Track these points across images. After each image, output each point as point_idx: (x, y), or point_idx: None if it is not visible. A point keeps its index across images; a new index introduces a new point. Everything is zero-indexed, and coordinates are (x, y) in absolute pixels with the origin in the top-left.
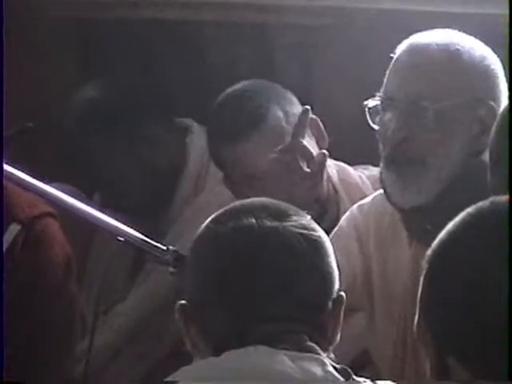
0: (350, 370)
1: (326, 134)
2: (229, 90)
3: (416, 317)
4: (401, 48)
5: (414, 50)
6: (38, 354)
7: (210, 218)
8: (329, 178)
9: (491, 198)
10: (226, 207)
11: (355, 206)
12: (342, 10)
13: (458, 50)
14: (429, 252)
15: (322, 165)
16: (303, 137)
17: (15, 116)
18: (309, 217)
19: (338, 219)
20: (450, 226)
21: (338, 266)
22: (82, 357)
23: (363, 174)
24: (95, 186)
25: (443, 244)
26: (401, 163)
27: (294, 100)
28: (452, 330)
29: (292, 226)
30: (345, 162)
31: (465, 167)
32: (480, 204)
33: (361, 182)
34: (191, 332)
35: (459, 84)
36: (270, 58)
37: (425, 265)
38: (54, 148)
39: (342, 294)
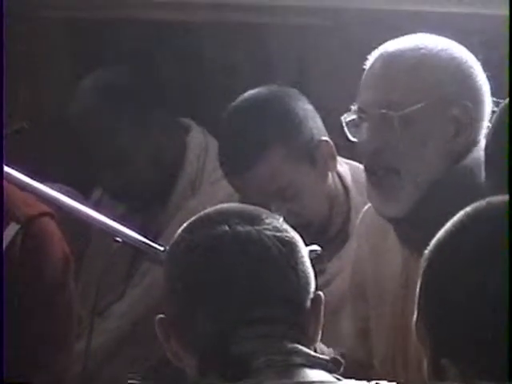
0: (340, 359)
1: (335, 154)
2: (238, 109)
3: (415, 316)
4: (371, 59)
5: (380, 60)
6: (36, 353)
7: (182, 227)
8: (340, 177)
9: (488, 198)
10: (199, 215)
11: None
12: (336, 10)
13: (425, 53)
14: (426, 251)
15: None
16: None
17: (11, 116)
18: (281, 219)
19: (348, 219)
20: (447, 225)
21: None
22: (79, 358)
23: None
24: (102, 167)
25: (441, 244)
26: (377, 174)
27: (306, 123)
28: (447, 330)
29: (265, 229)
30: None
31: (445, 173)
32: (477, 204)
33: None
34: (173, 345)
35: (425, 87)
36: (265, 58)
37: (422, 263)
38: (60, 134)
39: (320, 293)
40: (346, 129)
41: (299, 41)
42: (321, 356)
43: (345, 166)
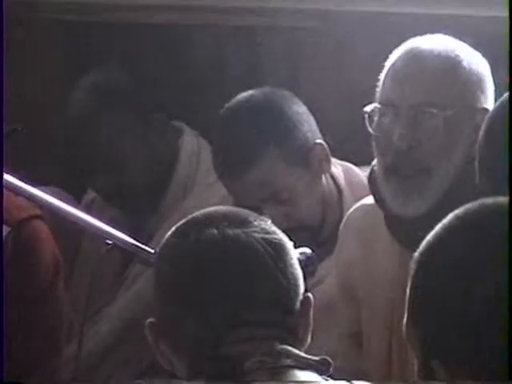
0: (329, 359)
1: (330, 156)
2: (232, 111)
3: (405, 318)
4: (397, 54)
5: (414, 57)
6: (25, 356)
7: (170, 231)
8: (334, 178)
9: (480, 200)
10: (187, 218)
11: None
12: (329, 12)
13: (458, 56)
14: (416, 253)
15: None
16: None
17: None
18: (269, 221)
19: (341, 221)
20: (437, 227)
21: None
22: (71, 361)
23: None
24: (98, 166)
25: (431, 246)
26: (404, 172)
27: (301, 126)
28: (436, 332)
29: (254, 231)
30: None
31: (460, 173)
32: (468, 206)
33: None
34: (162, 349)
35: (461, 92)
36: (258, 60)
37: (412, 266)
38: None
39: (309, 294)
40: (366, 120)
41: (291, 43)
42: (311, 357)
43: (338, 167)
